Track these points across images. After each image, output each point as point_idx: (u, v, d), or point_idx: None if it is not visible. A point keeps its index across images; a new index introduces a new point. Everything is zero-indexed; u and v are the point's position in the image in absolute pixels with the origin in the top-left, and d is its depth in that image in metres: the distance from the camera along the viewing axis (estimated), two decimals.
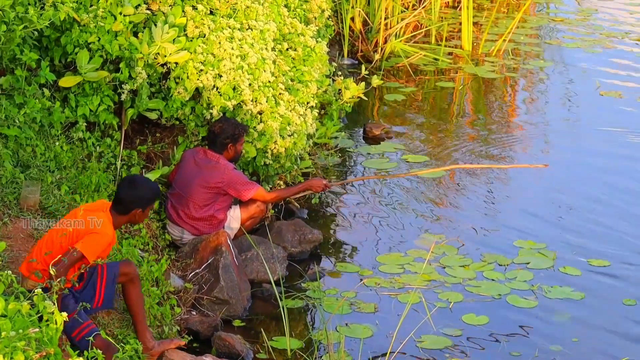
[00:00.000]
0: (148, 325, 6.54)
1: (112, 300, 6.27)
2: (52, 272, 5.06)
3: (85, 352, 4.49)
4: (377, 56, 12.35)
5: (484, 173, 9.85)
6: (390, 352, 6.76)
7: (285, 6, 9.03)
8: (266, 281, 7.72)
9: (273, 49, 8.55)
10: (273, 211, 8.61)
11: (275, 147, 8.31)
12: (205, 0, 8.27)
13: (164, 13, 8.00)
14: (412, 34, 12.97)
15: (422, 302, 7.41)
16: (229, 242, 7.63)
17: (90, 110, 7.73)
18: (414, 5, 13.22)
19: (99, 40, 7.65)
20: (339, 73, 9.94)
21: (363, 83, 9.89)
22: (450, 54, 13.09)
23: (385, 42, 12.63)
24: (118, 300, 6.52)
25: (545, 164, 9.38)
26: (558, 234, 8.74)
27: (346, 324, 7.34)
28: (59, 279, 4.92)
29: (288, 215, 8.78)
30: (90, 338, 5.44)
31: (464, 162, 10.12)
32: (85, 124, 7.76)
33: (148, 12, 7.93)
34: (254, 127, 8.21)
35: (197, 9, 8.15)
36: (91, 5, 7.67)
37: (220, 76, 8.09)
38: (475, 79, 12.46)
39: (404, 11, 12.85)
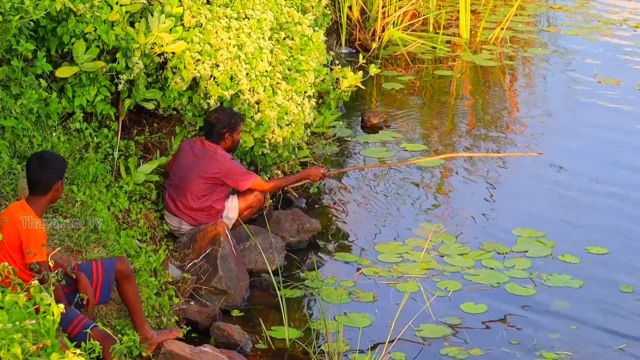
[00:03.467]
0: (146, 316, 6.54)
1: (108, 296, 6.26)
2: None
3: (83, 344, 4.48)
4: (374, 45, 12.32)
5: (482, 161, 9.84)
6: (389, 341, 6.76)
7: None
8: (264, 271, 7.72)
9: (270, 38, 8.53)
10: (271, 201, 8.61)
11: (272, 137, 8.29)
12: None
13: (160, 3, 7.97)
14: (409, 22, 12.94)
15: (420, 291, 7.41)
16: (227, 232, 7.62)
17: (87, 101, 7.70)
18: None
19: (95, 31, 7.62)
20: (337, 62, 9.92)
21: (361, 72, 9.87)
22: (448, 42, 13.07)
23: (383, 30, 12.61)
24: (114, 292, 6.50)
25: (539, 152, 9.37)
26: (557, 222, 8.74)
27: (345, 314, 7.34)
28: (56, 272, 4.91)
29: (286, 204, 8.78)
30: (88, 330, 5.43)
31: (461, 151, 10.11)
32: (82, 114, 7.73)
33: (144, 1, 7.90)
34: (252, 116, 8.20)
35: None
36: None
37: (218, 66, 8.07)
38: (473, 67, 12.44)
39: None
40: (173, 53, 7.95)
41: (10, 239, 5.78)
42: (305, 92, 8.67)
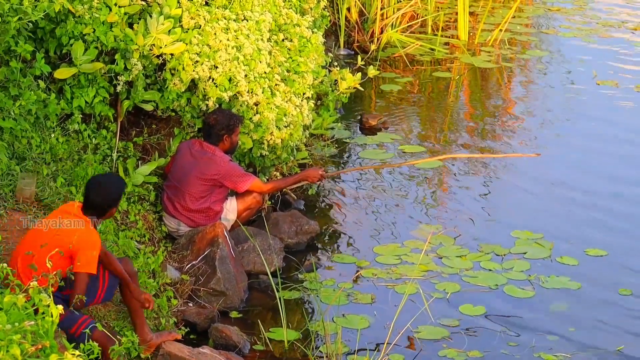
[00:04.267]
0: (145, 318, 6.53)
1: (111, 296, 6.28)
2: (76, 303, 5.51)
3: (81, 345, 4.49)
4: (373, 46, 12.33)
5: (480, 163, 9.84)
6: (387, 343, 6.77)
7: None
8: (263, 272, 7.71)
9: (269, 40, 8.53)
10: (270, 202, 8.60)
11: (271, 138, 8.29)
12: None
13: (159, 4, 7.98)
14: (408, 24, 12.95)
15: (419, 292, 7.41)
16: (226, 234, 7.62)
17: (86, 102, 7.70)
18: None
19: (94, 32, 7.62)
20: (335, 64, 9.93)
21: (359, 73, 9.87)
22: (446, 44, 13.07)
23: (382, 32, 12.61)
24: (114, 293, 6.51)
25: (537, 153, 9.37)
26: (555, 224, 8.74)
27: (343, 315, 7.33)
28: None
29: (285, 206, 8.77)
30: (87, 330, 5.43)
31: (459, 152, 10.11)
32: (80, 115, 7.73)
33: (143, 3, 7.91)
34: (250, 118, 8.20)
35: (192, 0, 8.12)
36: None
37: (216, 67, 8.08)
38: (471, 69, 12.44)
39: (400, 1, 12.82)
40: (172, 54, 7.95)
41: (57, 241, 5.79)
42: (303, 94, 8.67)
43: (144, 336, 6.36)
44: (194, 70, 8.00)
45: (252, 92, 8.22)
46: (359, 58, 10.80)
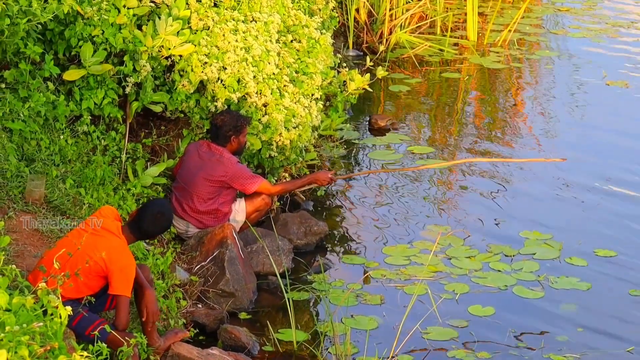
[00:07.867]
0: (156, 324, 6.54)
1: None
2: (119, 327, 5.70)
3: (90, 346, 4.50)
4: (382, 47, 12.33)
5: (489, 164, 9.82)
6: (396, 344, 6.76)
7: None
8: (272, 274, 7.71)
9: (277, 41, 8.54)
10: (278, 203, 8.60)
11: (280, 140, 8.29)
12: None
13: (167, 5, 7.99)
14: (417, 25, 12.94)
15: (428, 293, 7.41)
16: (235, 235, 7.62)
17: (95, 104, 7.72)
18: None
19: (103, 34, 7.63)
20: (344, 64, 9.92)
21: (368, 74, 9.87)
22: (455, 44, 13.06)
23: (390, 33, 12.60)
24: None
25: (563, 157, 9.32)
26: (564, 225, 8.72)
27: (352, 316, 7.33)
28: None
29: (293, 207, 8.78)
30: (96, 332, 5.44)
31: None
32: (89, 117, 7.75)
33: (152, 4, 7.92)
34: (259, 119, 8.20)
35: (201, 1, 8.13)
36: None
37: (225, 68, 8.08)
38: (480, 70, 12.43)
39: (409, 2, 12.81)
40: (180, 56, 7.96)
41: (90, 246, 5.81)
42: (312, 95, 8.68)
43: (152, 343, 6.34)
44: (202, 72, 8.00)
45: (260, 93, 8.23)
46: (368, 59, 10.79)
